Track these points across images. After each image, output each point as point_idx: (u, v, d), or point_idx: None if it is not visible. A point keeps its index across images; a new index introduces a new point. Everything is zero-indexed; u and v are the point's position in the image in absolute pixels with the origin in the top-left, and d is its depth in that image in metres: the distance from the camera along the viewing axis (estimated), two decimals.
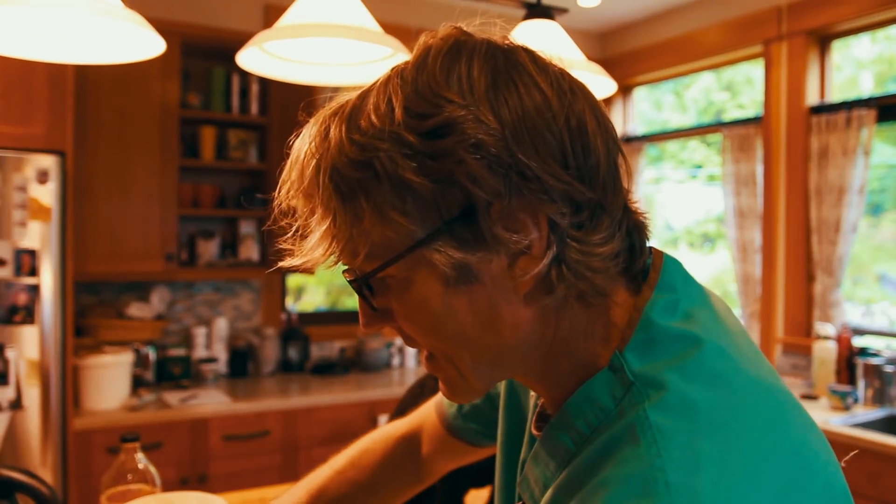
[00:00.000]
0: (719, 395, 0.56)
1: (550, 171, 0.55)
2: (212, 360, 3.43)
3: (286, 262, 0.64)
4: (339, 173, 0.56)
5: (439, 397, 1.06)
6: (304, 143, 0.60)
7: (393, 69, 0.59)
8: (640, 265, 0.64)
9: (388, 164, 0.55)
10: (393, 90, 0.57)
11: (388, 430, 1.10)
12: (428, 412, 1.07)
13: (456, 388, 0.65)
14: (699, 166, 4.13)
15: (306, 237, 0.61)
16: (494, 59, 0.58)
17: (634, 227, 0.63)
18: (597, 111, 0.60)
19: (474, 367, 0.62)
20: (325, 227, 0.58)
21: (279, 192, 0.63)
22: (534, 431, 0.71)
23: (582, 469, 0.57)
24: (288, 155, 0.64)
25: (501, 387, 0.89)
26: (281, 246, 0.64)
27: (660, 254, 0.66)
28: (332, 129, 0.58)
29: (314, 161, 0.58)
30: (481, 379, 0.63)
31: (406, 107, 0.55)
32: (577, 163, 0.56)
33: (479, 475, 1.56)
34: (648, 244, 0.65)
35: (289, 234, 0.64)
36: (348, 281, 0.62)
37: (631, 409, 0.56)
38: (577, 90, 0.59)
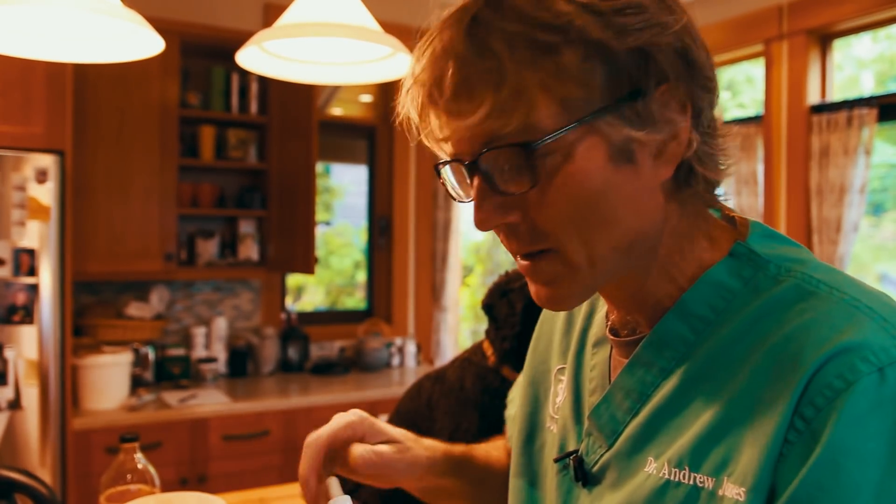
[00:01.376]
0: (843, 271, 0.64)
1: (706, 63, 0.61)
2: (211, 359, 3.42)
3: (444, 132, 0.62)
4: (525, 37, 0.57)
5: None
6: (464, 14, 0.59)
7: None
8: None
9: (582, 29, 0.57)
10: None
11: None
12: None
13: (574, 285, 0.63)
14: None
15: (474, 105, 0.58)
16: None
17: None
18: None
19: (608, 253, 0.62)
20: (504, 91, 0.57)
21: (435, 66, 0.60)
22: (610, 336, 0.73)
23: (731, 342, 0.61)
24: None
25: (524, 378, 0.89)
26: (441, 114, 0.61)
27: None
28: (511, 1, 0.58)
29: (495, 31, 0.57)
30: (608, 270, 0.63)
31: None
32: (712, 66, 0.63)
33: None
34: None
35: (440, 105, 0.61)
36: (515, 161, 0.59)
37: (774, 282, 0.61)
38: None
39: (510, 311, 1.60)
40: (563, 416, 0.78)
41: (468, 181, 0.63)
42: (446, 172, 0.66)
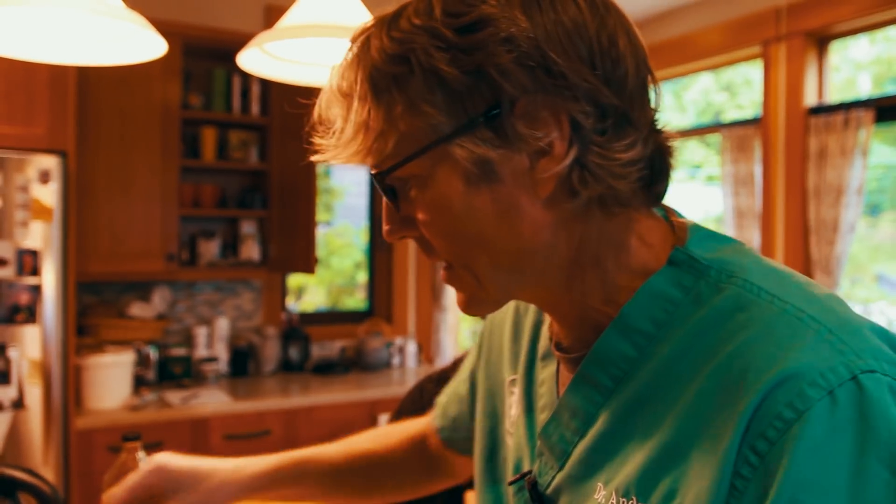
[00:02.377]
0: (787, 270, 0.61)
1: (577, 70, 0.57)
2: (213, 359, 3.44)
3: (318, 158, 0.65)
4: (377, 69, 0.59)
5: (433, 412, 1.05)
6: (346, 54, 0.63)
7: None
8: (662, 187, 0.65)
9: (423, 56, 0.57)
10: None
11: (404, 424, 1.09)
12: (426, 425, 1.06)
13: (473, 297, 0.65)
14: (698, 167, 4.14)
15: (340, 136, 0.62)
16: None
17: (659, 148, 0.63)
18: (629, 31, 0.61)
19: (492, 272, 0.62)
20: (359, 122, 0.60)
21: (319, 99, 0.65)
22: (554, 351, 0.71)
23: (674, 359, 0.58)
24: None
25: (479, 391, 0.89)
26: (317, 142, 0.65)
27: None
28: (372, 36, 0.61)
29: (354, 64, 0.61)
30: (498, 287, 0.63)
31: (443, 7, 0.58)
32: (604, 70, 0.58)
33: None
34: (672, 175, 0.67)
35: (328, 133, 0.65)
36: (377, 182, 0.63)
37: (715, 290, 0.59)
38: (611, 10, 0.60)
39: None
40: (518, 433, 0.76)
41: None
42: None
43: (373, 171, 0.62)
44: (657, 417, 0.58)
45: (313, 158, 0.66)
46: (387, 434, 1.07)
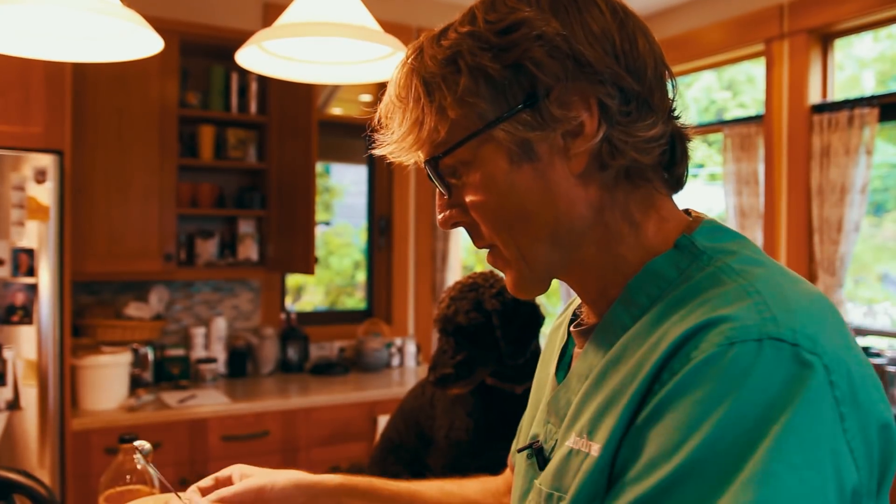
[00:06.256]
0: (777, 264, 0.68)
1: (602, 60, 0.65)
2: (210, 360, 3.42)
3: (379, 151, 0.74)
4: (430, 72, 0.68)
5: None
6: (400, 66, 0.72)
7: None
8: (682, 170, 0.73)
9: (469, 56, 0.66)
10: (476, 6, 0.69)
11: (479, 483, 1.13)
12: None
13: (519, 277, 0.72)
14: (700, 165, 4.12)
15: (398, 133, 0.71)
16: None
17: (677, 134, 0.71)
18: (646, 34, 0.69)
19: (534, 246, 0.69)
20: (414, 118, 0.69)
21: (379, 108, 0.74)
22: (571, 329, 0.79)
23: (647, 325, 0.65)
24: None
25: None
26: (377, 138, 0.74)
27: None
28: (424, 47, 0.70)
29: (409, 72, 0.70)
30: (539, 261, 0.70)
31: (485, 15, 0.67)
32: (626, 59, 0.66)
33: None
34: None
35: (387, 133, 0.74)
36: (430, 171, 0.71)
37: (700, 271, 0.65)
38: (630, 16, 0.69)
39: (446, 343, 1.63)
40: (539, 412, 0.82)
41: None
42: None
43: (426, 160, 0.70)
44: (616, 371, 0.66)
45: (375, 152, 0.74)
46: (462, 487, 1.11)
